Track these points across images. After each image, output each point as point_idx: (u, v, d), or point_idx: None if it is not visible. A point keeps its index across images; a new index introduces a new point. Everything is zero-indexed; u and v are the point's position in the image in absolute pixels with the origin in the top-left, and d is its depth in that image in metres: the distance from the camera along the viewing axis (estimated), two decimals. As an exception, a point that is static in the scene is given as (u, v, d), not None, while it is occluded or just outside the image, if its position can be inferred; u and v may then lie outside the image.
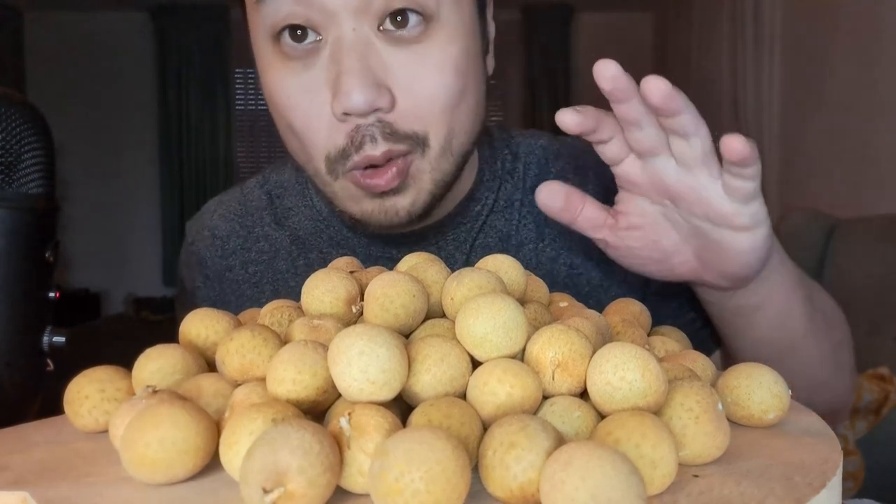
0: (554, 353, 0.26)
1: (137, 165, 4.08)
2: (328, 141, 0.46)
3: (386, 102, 0.44)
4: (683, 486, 0.23)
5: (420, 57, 0.45)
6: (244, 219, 0.61)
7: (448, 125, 0.47)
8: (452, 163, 0.49)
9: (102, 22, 3.97)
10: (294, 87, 0.45)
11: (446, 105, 0.46)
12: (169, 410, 0.24)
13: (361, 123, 0.44)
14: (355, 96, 0.42)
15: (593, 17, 4.07)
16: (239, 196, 0.63)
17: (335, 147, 0.46)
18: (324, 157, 0.47)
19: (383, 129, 0.44)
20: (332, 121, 0.45)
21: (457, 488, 0.20)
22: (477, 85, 0.49)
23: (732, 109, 3.02)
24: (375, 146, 0.44)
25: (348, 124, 0.45)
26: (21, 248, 0.40)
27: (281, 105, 0.47)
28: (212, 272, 0.61)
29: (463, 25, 0.47)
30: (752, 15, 2.82)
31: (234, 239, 0.61)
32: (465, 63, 0.47)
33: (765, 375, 0.29)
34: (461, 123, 0.48)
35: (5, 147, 0.40)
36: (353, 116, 0.44)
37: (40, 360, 0.42)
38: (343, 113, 0.44)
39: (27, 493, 0.24)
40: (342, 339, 0.24)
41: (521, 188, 0.59)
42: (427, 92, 0.45)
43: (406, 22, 0.44)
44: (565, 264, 0.57)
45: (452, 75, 0.46)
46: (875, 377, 1.46)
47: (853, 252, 1.93)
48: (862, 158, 2.25)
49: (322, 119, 0.45)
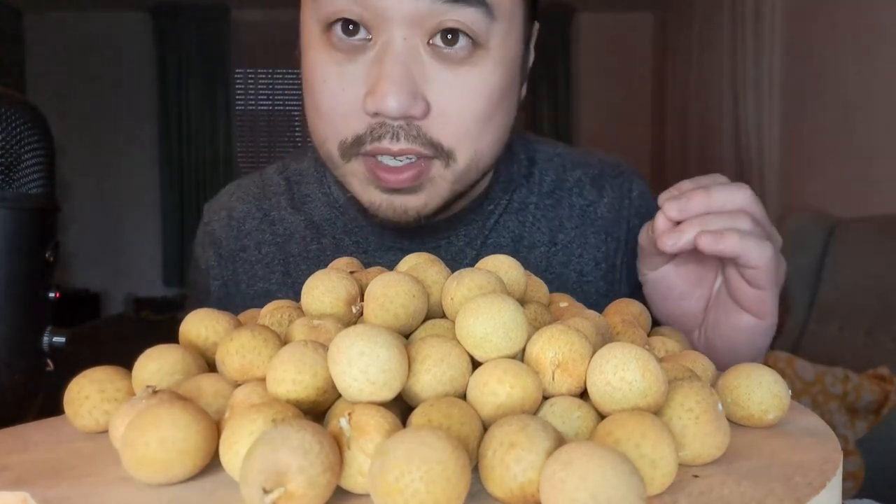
0: (554, 354, 0.26)
1: (137, 165, 4.07)
2: (347, 128, 0.47)
3: (419, 111, 0.45)
4: (683, 486, 0.23)
5: (461, 79, 0.46)
6: (261, 202, 0.62)
7: (475, 147, 0.48)
8: (474, 179, 0.50)
9: (102, 22, 3.97)
10: (333, 74, 0.46)
11: (475, 129, 0.47)
12: (169, 410, 0.24)
13: (388, 122, 0.45)
14: (390, 101, 0.43)
15: (593, 17, 4.07)
16: (258, 180, 0.64)
17: (353, 134, 0.46)
18: (339, 141, 0.47)
19: (408, 132, 0.45)
20: (359, 112, 0.46)
21: (457, 488, 0.20)
22: (509, 112, 0.50)
23: (732, 109, 3.02)
24: (395, 143, 0.45)
25: (375, 119, 0.45)
26: (21, 248, 0.40)
27: (314, 85, 0.47)
28: (226, 252, 0.61)
29: (508, 57, 0.48)
30: (752, 15, 2.82)
31: (250, 220, 0.62)
32: (501, 93, 0.48)
33: (765, 375, 0.29)
34: (488, 146, 0.49)
35: (5, 147, 0.40)
36: (381, 116, 0.45)
37: (40, 360, 0.42)
38: (374, 113, 0.45)
39: (27, 493, 0.24)
40: (342, 339, 0.24)
41: (535, 192, 0.60)
42: (460, 113, 0.46)
43: (455, 42, 0.45)
44: (575, 271, 0.59)
45: (486, 103, 0.47)
46: (875, 377, 1.46)
47: (853, 252, 1.92)
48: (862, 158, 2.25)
49: (349, 108, 0.46)
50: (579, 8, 4.03)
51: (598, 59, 4.05)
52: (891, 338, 1.71)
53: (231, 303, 0.60)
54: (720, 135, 3.12)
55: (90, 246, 3.98)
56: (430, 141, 0.46)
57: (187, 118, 4.02)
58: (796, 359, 1.46)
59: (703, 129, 3.33)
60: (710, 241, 0.41)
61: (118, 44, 4.00)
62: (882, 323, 1.75)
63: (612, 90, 4.04)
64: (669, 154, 3.77)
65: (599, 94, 4.05)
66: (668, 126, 3.78)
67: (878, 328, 1.76)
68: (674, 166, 3.71)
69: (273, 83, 4.10)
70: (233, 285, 0.61)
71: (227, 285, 0.61)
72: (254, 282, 0.60)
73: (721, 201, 0.43)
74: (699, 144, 3.41)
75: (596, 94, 4.06)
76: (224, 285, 0.61)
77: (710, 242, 0.41)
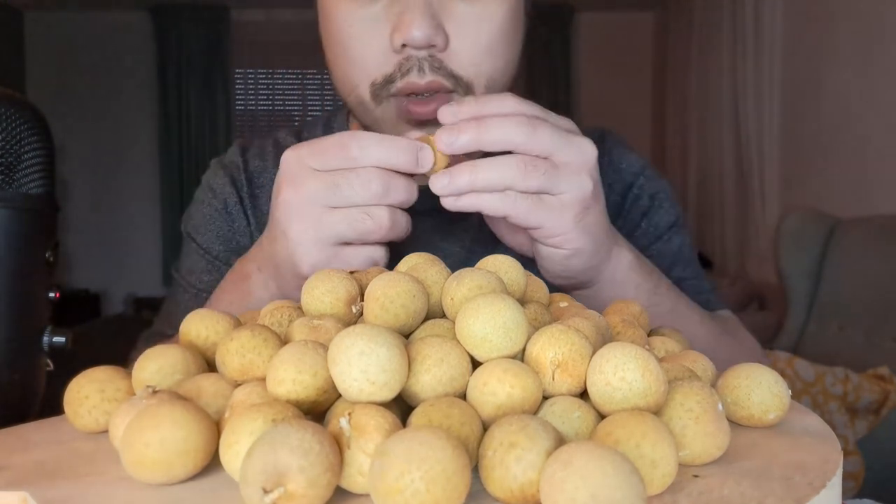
0: (554, 354, 0.26)
1: (137, 165, 4.08)
2: (377, 69, 0.50)
3: (441, 41, 0.48)
4: (683, 486, 0.23)
5: (476, 12, 0.49)
6: (278, 159, 0.63)
7: (490, 74, 0.51)
8: None
9: (102, 22, 3.97)
10: (357, 17, 0.49)
11: (489, 60, 0.51)
12: (169, 410, 0.24)
13: (413, 55, 0.48)
14: (416, 30, 0.47)
15: (593, 17, 4.07)
16: (272, 141, 0.65)
17: (382, 74, 0.49)
18: (370, 83, 0.50)
19: (432, 63, 0.49)
20: (387, 51, 0.49)
21: (457, 488, 0.20)
22: (517, 39, 0.53)
23: (732, 110, 3.02)
24: (422, 76, 0.49)
25: (401, 55, 0.49)
26: (21, 248, 0.40)
27: (341, 33, 0.50)
28: (245, 194, 0.62)
29: None
30: (752, 15, 2.83)
31: (265, 174, 0.63)
32: (512, 20, 0.51)
33: (765, 375, 0.29)
34: (500, 72, 0.52)
35: (5, 147, 0.40)
36: (408, 48, 0.48)
37: (40, 360, 0.42)
38: (402, 45, 0.48)
39: (27, 493, 0.24)
40: (342, 339, 0.24)
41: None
42: (475, 45, 0.50)
43: None
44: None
45: (498, 34, 0.50)
46: (875, 377, 1.46)
47: (853, 252, 1.93)
48: (862, 158, 2.25)
49: (377, 48, 0.49)
50: (579, 8, 4.03)
51: (598, 59, 4.05)
52: (891, 338, 1.71)
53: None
54: (720, 135, 3.12)
55: (90, 246, 3.98)
56: (451, 73, 0.49)
57: (187, 118, 4.02)
58: (796, 359, 1.46)
59: (703, 129, 3.33)
60: (449, 201, 0.40)
61: (118, 44, 4.00)
62: (882, 323, 1.75)
63: (612, 90, 4.04)
64: (669, 154, 3.77)
65: (599, 94, 4.05)
66: (668, 126, 3.78)
67: (878, 328, 1.76)
68: (674, 166, 3.71)
69: (273, 83, 4.10)
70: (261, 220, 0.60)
71: (233, 223, 0.62)
72: (261, 228, 0.60)
73: (495, 137, 0.39)
74: (699, 144, 3.41)
75: (596, 94, 4.06)
76: (230, 223, 0.62)
77: (449, 202, 0.40)
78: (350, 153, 0.39)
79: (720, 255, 3.21)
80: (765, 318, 2.34)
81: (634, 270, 0.49)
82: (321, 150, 0.40)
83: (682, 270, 0.63)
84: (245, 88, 4.11)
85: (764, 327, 2.19)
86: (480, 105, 0.40)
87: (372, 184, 0.39)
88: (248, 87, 4.11)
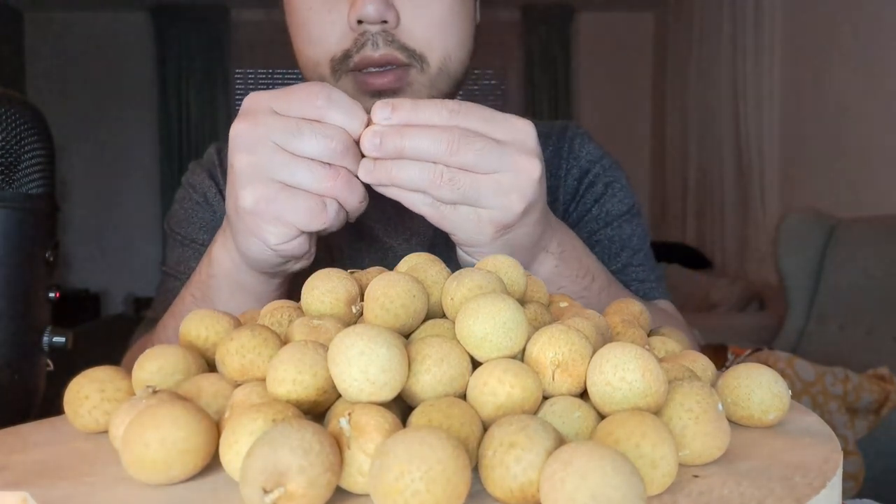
0: (554, 354, 0.26)
1: (137, 165, 4.08)
2: (336, 46, 0.53)
3: (392, 17, 0.52)
4: (683, 486, 0.23)
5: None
6: None
7: (443, 49, 0.54)
8: (449, 84, 0.56)
9: (102, 22, 3.97)
10: (317, 1, 0.53)
11: (441, 33, 0.54)
12: (169, 410, 0.24)
13: (368, 29, 0.52)
14: (369, 7, 0.50)
15: (593, 17, 4.07)
16: None
17: (341, 49, 0.53)
18: (329, 59, 0.54)
19: (385, 38, 0.52)
20: (345, 30, 0.53)
21: (457, 488, 0.20)
22: (468, 20, 0.57)
23: (733, 110, 3.02)
24: (376, 49, 0.52)
25: (357, 32, 0.52)
26: (21, 248, 0.40)
27: (302, 16, 0.54)
28: (221, 183, 0.65)
29: None
30: (752, 15, 2.83)
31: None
32: (461, 1, 0.55)
33: (765, 375, 0.29)
34: (454, 50, 0.55)
35: (5, 147, 0.40)
36: (364, 24, 0.52)
37: (40, 360, 0.42)
38: (357, 21, 0.51)
39: (27, 493, 0.24)
40: (342, 339, 0.24)
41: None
42: (426, 19, 0.53)
43: None
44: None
45: (448, 10, 0.54)
46: (875, 377, 1.46)
47: (853, 252, 1.93)
48: (862, 158, 2.25)
49: (336, 27, 0.53)
50: (579, 8, 4.03)
51: (598, 59, 4.05)
52: (891, 338, 1.71)
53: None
54: (720, 135, 3.12)
55: (90, 246, 3.98)
56: (404, 46, 0.53)
57: (187, 118, 4.02)
58: (796, 359, 1.46)
59: (703, 129, 3.33)
60: (375, 185, 0.41)
61: (118, 44, 4.00)
62: (882, 323, 1.75)
63: (612, 90, 4.04)
64: (669, 154, 3.77)
65: (599, 94, 4.05)
66: (668, 126, 3.78)
67: (878, 328, 1.76)
68: (674, 166, 3.71)
69: (273, 83, 4.10)
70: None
71: (218, 218, 0.64)
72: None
73: (416, 149, 0.39)
74: (699, 144, 3.41)
75: (596, 94, 4.06)
76: (219, 217, 0.64)
77: (373, 185, 0.41)
78: (316, 101, 0.40)
79: (720, 255, 3.21)
80: (765, 318, 2.34)
81: (558, 274, 0.50)
82: (286, 94, 0.41)
83: (630, 257, 0.65)
84: (245, 88, 4.11)
85: (764, 327, 2.19)
86: (413, 112, 0.40)
87: (334, 140, 0.39)
88: (248, 87, 4.11)
